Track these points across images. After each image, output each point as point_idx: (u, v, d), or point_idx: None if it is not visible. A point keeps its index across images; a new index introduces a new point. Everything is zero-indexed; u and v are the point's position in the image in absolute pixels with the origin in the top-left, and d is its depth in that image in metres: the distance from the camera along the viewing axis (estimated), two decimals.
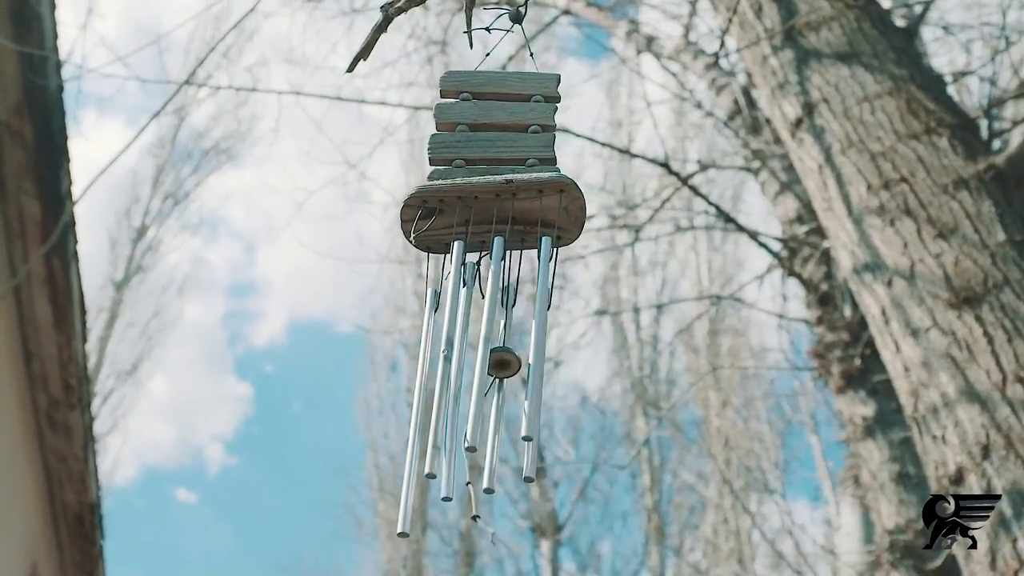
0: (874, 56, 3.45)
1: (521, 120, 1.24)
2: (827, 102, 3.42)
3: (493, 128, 1.23)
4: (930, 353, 2.79)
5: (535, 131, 1.23)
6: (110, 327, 13.94)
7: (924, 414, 2.78)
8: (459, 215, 1.18)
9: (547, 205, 1.18)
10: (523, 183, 1.17)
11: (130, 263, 14.48)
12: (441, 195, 1.18)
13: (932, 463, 2.74)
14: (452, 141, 1.22)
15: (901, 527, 4.56)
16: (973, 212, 2.93)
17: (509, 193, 1.17)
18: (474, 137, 1.23)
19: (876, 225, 3.07)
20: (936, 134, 3.15)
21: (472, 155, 1.21)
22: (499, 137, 1.22)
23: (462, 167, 1.20)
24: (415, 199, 1.18)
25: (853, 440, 4.93)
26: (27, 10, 4.63)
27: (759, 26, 3.80)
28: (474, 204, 1.18)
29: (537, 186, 1.17)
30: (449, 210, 1.18)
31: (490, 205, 1.18)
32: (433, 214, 1.18)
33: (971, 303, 2.76)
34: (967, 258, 2.85)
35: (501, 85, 1.27)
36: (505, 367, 1.12)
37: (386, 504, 14.56)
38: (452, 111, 1.25)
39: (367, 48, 1.19)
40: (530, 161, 1.20)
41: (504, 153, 1.21)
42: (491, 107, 1.25)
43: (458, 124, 1.23)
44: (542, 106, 1.25)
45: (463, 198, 1.18)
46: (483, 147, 1.22)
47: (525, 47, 8.71)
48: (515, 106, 1.25)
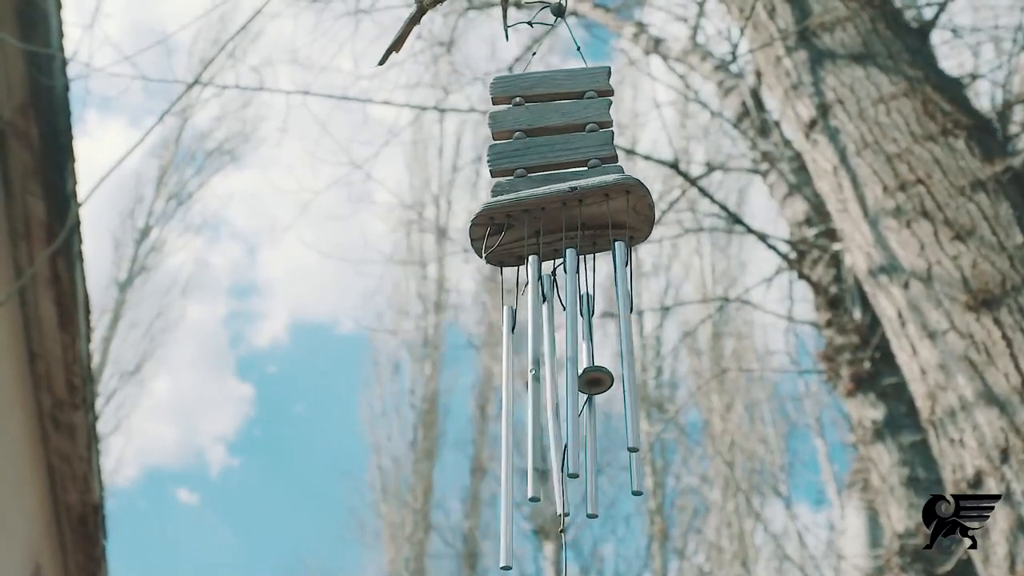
0: (889, 57, 3.43)
1: (576, 120, 1.22)
2: (842, 103, 3.40)
3: (549, 131, 1.21)
4: (947, 356, 2.77)
5: (592, 129, 1.21)
6: (113, 327, 13.93)
7: (941, 417, 2.75)
8: (528, 227, 1.16)
9: (615, 208, 1.16)
10: (588, 189, 1.15)
11: (133, 264, 14.48)
12: (508, 210, 1.16)
13: (949, 466, 2.71)
14: (510, 151, 1.20)
15: (911, 531, 4.53)
16: (991, 214, 2.91)
17: (575, 200, 1.15)
18: (532, 143, 1.20)
19: (892, 227, 3.05)
20: (953, 135, 3.13)
21: (532, 163, 1.19)
22: (557, 140, 1.20)
23: (524, 176, 1.18)
24: (483, 217, 1.17)
25: (862, 444, 4.90)
26: (33, 10, 4.61)
27: (772, 27, 3.77)
28: (542, 215, 1.16)
29: (603, 190, 1.15)
30: (518, 223, 1.16)
31: (558, 214, 1.16)
32: (502, 229, 1.16)
33: (989, 305, 2.74)
34: (985, 260, 2.83)
35: (551, 85, 1.24)
36: (598, 384, 1.09)
37: (388, 506, 14.54)
38: (506, 119, 1.22)
39: (400, 40, 1.17)
40: (592, 162, 1.18)
41: (563, 156, 1.19)
42: (545, 109, 1.23)
43: (514, 131, 1.21)
44: (596, 102, 1.23)
45: (530, 210, 1.15)
46: (542, 153, 1.20)
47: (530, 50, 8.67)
48: (569, 105, 1.23)
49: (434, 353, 14.48)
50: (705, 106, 7.23)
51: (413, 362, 14.99)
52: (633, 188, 1.15)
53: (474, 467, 14.19)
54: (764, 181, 6.16)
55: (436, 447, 14.47)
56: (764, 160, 6.00)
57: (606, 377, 1.08)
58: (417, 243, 14.79)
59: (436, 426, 14.48)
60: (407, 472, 14.51)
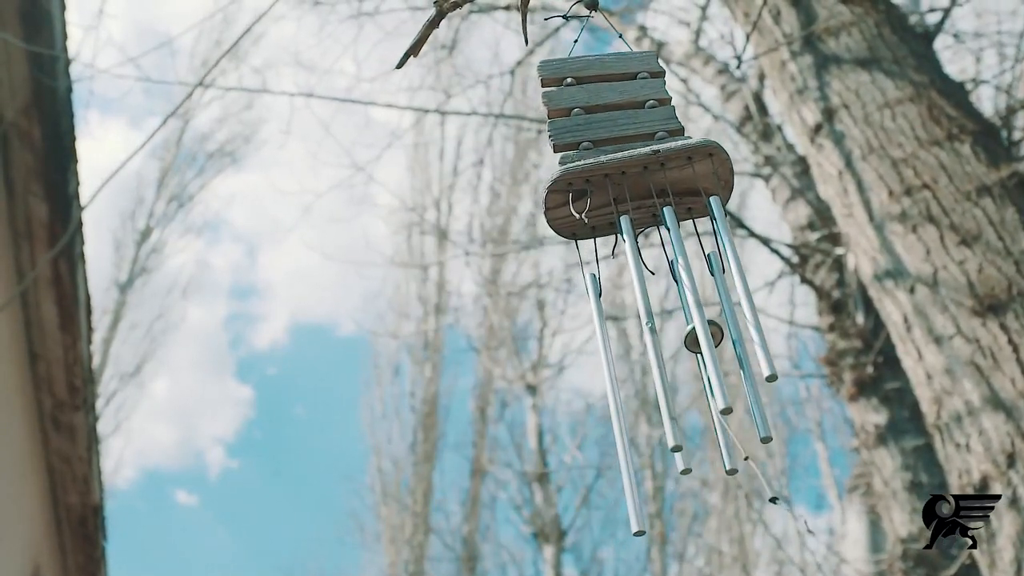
0: (894, 62, 3.43)
1: (634, 97, 1.20)
2: (847, 108, 3.39)
3: (608, 108, 1.19)
4: (954, 361, 2.76)
5: (652, 106, 1.19)
6: (114, 329, 13.92)
7: (947, 422, 2.75)
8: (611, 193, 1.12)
9: (699, 172, 1.13)
10: (671, 151, 1.12)
11: (134, 265, 14.47)
12: (587, 175, 1.12)
13: (955, 471, 2.71)
14: (572, 125, 1.18)
15: (914, 536, 4.53)
16: (996, 219, 2.91)
17: (657, 164, 1.12)
18: (593, 119, 1.18)
19: (898, 231, 3.05)
20: (958, 141, 3.12)
21: (598, 136, 1.16)
22: (620, 116, 1.18)
23: (591, 148, 1.15)
24: (560, 183, 1.13)
25: (865, 448, 4.90)
26: (37, 11, 4.61)
27: (777, 31, 3.77)
28: (622, 180, 1.13)
29: (686, 153, 1.12)
30: (598, 189, 1.12)
31: (639, 179, 1.13)
32: (581, 196, 1.13)
33: (995, 311, 2.74)
34: (991, 265, 2.83)
35: (602, 68, 1.23)
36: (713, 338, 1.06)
37: (388, 509, 14.53)
38: (562, 97, 1.20)
39: (418, 44, 1.17)
40: (660, 134, 1.16)
41: (630, 130, 1.17)
42: (600, 88, 1.21)
43: (572, 109, 1.19)
44: (651, 81, 1.21)
45: (610, 175, 1.12)
46: (607, 127, 1.17)
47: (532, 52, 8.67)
48: (623, 85, 1.21)
49: (434, 356, 14.48)
50: (707, 110, 7.23)
51: (413, 364, 14.99)
52: (716, 151, 1.13)
53: (474, 470, 14.18)
54: (767, 185, 6.17)
55: (436, 450, 14.47)
56: (767, 164, 6.00)
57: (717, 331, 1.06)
58: (418, 246, 14.79)
59: (436, 429, 14.48)
60: (407, 474, 14.51)
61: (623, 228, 1.12)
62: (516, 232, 13.57)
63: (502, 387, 13.11)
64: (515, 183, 14.05)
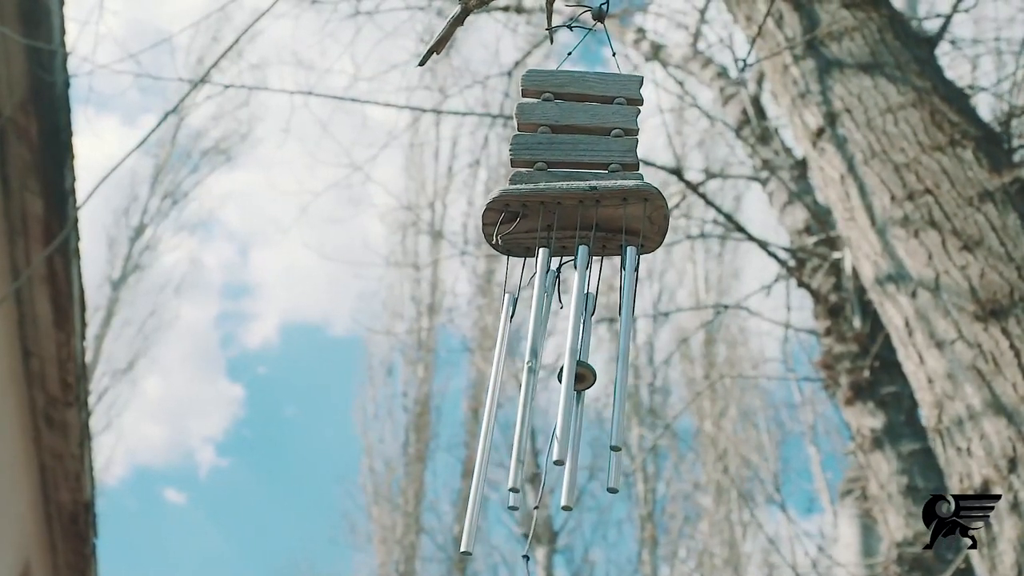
0: (897, 67, 3.44)
1: (603, 123, 1.22)
2: (850, 112, 3.40)
3: (575, 130, 1.21)
4: (955, 365, 2.77)
5: (617, 135, 1.21)
6: (106, 325, 13.90)
7: (948, 426, 2.76)
8: (542, 220, 1.16)
9: (631, 213, 1.16)
10: (607, 190, 1.14)
11: (127, 262, 14.45)
12: (524, 199, 1.16)
13: (956, 475, 2.72)
14: (534, 143, 1.20)
15: (909, 540, 4.55)
16: (999, 225, 2.92)
17: (592, 200, 1.15)
18: (556, 139, 1.21)
19: (900, 236, 3.06)
20: (960, 146, 3.13)
21: (554, 158, 1.19)
22: (581, 140, 1.20)
23: (544, 170, 1.18)
24: (498, 203, 1.17)
25: (861, 452, 4.91)
26: (37, 6, 4.59)
27: (780, 35, 3.78)
28: (557, 209, 1.16)
29: (621, 194, 1.15)
30: (532, 214, 1.16)
31: (573, 211, 1.16)
32: (516, 218, 1.16)
33: (997, 316, 2.75)
34: (993, 271, 2.84)
35: (583, 86, 1.25)
36: (581, 380, 1.09)
37: (380, 509, 14.52)
38: (534, 112, 1.22)
39: (442, 41, 1.17)
40: (613, 166, 1.18)
41: (586, 157, 1.19)
42: (573, 108, 1.23)
43: (540, 125, 1.21)
44: (624, 109, 1.23)
45: (546, 203, 1.15)
46: (565, 150, 1.20)
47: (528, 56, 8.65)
48: (597, 108, 1.23)
49: (428, 356, 14.48)
50: (706, 114, 7.24)
51: (406, 365, 14.99)
52: (652, 196, 1.15)
53: (466, 470, 14.17)
54: (764, 189, 6.18)
55: (428, 450, 14.46)
56: (764, 168, 6.01)
57: (589, 374, 1.08)
58: (412, 246, 14.79)
59: (429, 429, 14.47)
60: (399, 475, 14.50)
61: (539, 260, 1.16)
62: None
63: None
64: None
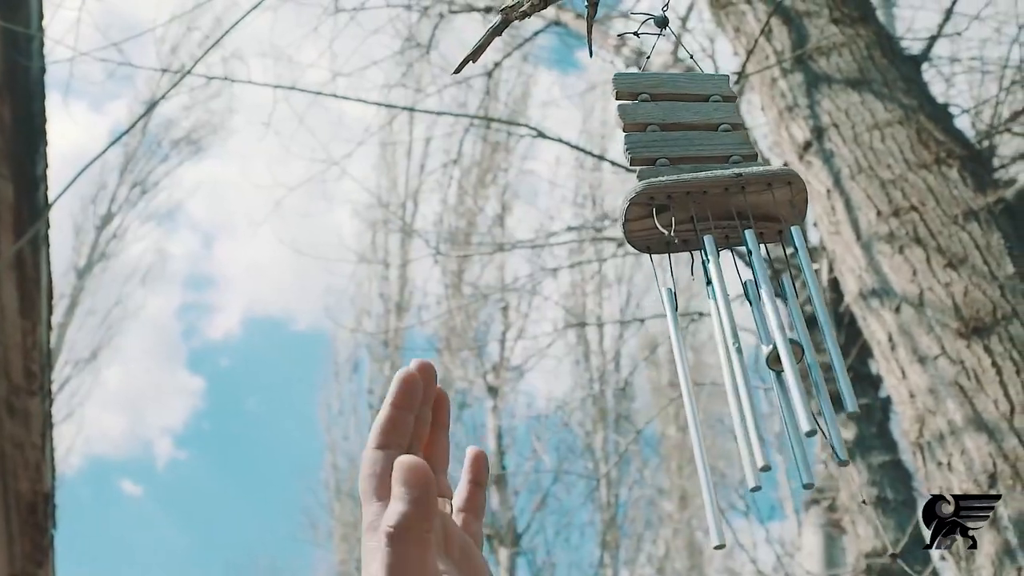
0: (884, 84, 3.49)
1: (708, 119, 1.20)
2: (837, 127, 3.45)
3: (683, 127, 1.21)
4: (938, 381, 2.82)
5: (726, 129, 1.20)
6: (70, 314, 13.74)
7: (929, 440, 2.80)
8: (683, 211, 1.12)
9: (776, 199, 1.15)
10: (753, 176, 1.13)
11: (94, 250, 14.29)
12: (669, 191, 1.13)
13: (936, 489, 2.76)
14: (649, 140, 1.18)
15: (878, 551, 4.61)
16: (983, 244, 2.97)
17: (739, 187, 1.13)
18: (669, 136, 1.19)
19: (885, 252, 3.10)
20: (946, 165, 3.19)
21: (674, 154, 1.17)
22: (696, 135, 1.19)
23: (667, 165, 1.17)
24: (642, 196, 1.13)
25: (831, 462, 4.96)
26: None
27: (769, 48, 3.82)
28: (703, 200, 1.14)
29: (766, 179, 1.14)
30: (678, 206, 1.14)
31: (718, 199, 1.13)
32: (661, 211, 1.14)
33: (980, 333, 2.80)
34: (976, 289, 2.89)
35: (675, 86, 1.24)
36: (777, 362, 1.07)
37: (342, 506, 14.46)
38: (637, 111, 1.21)
39: (479, 50, 1.17)
40: (734, 158, 1.17)
41: (705, 151, 1.17)
42: (675, 107, 1.21)
43: (648, 124, 1.20)
44: (724, 105, 1.22)
45: (692, 193, 1.14)
46: (683, 146, 1.18)
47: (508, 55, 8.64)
48: (697, 106, 1.21)
49: (395, 354, 14.44)
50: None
51: (373, 362, 14.95)
52: (795, 180, 1.14)
53: None
54: None
55: None
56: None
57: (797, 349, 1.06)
58: (382, 243, 14.76)
59: None
60: None
61: (707, 247, 1.13)
62: (481, 234, 13.59)
63: (463, 388, 13.10)
64: (482, 185, 14.06)
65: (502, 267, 13.22)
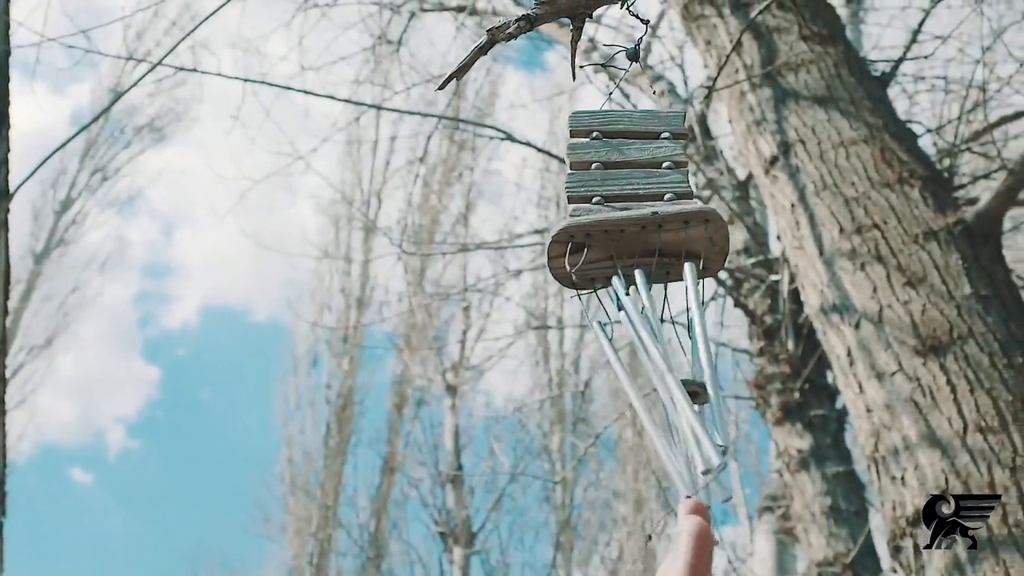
0: (851, 103, 3.55)
1: (653, 157, 1.26)
2: (803, 143, 3.50)
3: (626, 166, 1.25)
4: (894, 397, 2.87)
5: (668, 167, 1.25)
6: (26, 299, 13.57)
7: (884, 455, 2.86)
8: (603, 250, 1.19)
9: (693, 236, 1.19)
10: (669, 215, 1.18)
11: (52, 235, 14.13)
12: (588, 230, 1.18)
13: (890, 502, 2.82)
14: (588, 179, 1.24)
15: (830, 560, 4.68)
16: (941, 264, 3.03)
17: (655, 225, 1.18)
18: (609, 175, 1.24)
19: (847, 268, 3.16)
20: (908, 184, 3.25)
21: (609, 192, 1.22)
22: (634, 174, 1.24)
23: (601, 203, 1.21)
24: (563, 235, 1.18)
25: (787, 471, 5.03)
26: None
27: (738, 62, 3.87)
28: (620, 237, 1.19)
29: (683, 217, 1.18)
30: (596, 245, 1.19)
31: (636, 238, 1.19)
32: (580, 250, 1.18)
33: (936, 352, 2.86)
34: (934, 308, 2.95)
35: (629, 124, 1.29)
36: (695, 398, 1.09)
37: (296, 500, 14.42)
38: (585, 150, 1.26)
39: (464, 68, 1.20)
40: (668, 196, 1.21)
41: (641, 189, 1.22)
42: (623, 145, 1.27)
43: (592, 163, 1.25)
44: (671, 143, 1.27)
45: (609, 232, 1.18)
46: (619, 184, 1.23)
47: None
48: (645, 143, 1.27)
49: (353, 349, 14.41)
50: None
51: (332, 357, 14.91)
52: (713, 218, 1.19)
53: (386, 467, 14.14)
54: None
55: (349, 444, 14.40)
56: (708, 187, 6.12)
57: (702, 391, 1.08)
58: (345, 239, 14.72)
59: (351, 423, 14.41)
60: (318, 467, 14.41)
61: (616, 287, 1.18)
62: (445, 232, 13.60)
63: (421, 385, 13.11)
64: (447, 183, 14.07)
65: (465, 267, 13.25)
